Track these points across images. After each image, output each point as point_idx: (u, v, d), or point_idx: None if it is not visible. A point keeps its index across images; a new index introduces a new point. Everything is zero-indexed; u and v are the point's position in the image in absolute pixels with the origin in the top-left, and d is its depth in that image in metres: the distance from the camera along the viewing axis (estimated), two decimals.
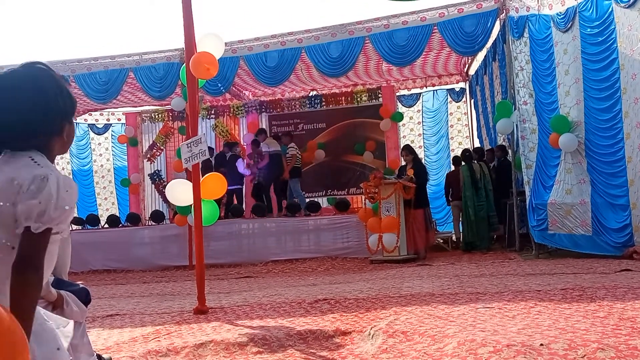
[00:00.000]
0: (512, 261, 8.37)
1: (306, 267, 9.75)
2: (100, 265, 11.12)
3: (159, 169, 14.49)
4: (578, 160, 8.26)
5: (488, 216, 10.35)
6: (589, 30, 7.97)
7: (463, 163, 10.76)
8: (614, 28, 7.56)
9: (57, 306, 2.70)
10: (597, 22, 7.83)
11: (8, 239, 1.61)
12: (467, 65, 13.00)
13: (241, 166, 12.12)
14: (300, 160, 12.20)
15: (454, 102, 14.27)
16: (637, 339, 3.47)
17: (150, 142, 14.88)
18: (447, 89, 14.30)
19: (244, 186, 12.88)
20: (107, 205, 15.58)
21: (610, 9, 7.62)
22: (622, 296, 5.00)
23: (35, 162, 1.68)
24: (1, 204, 1.60)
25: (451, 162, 11.32)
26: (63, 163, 15.31)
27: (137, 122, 14.92)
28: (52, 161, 1.76)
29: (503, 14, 9.30)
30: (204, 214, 6.10)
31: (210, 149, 10.96)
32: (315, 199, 12.66)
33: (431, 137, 14.38)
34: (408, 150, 10.45)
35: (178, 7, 6.04)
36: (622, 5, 7.38)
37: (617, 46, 7.53)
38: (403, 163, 10.65)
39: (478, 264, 8.29)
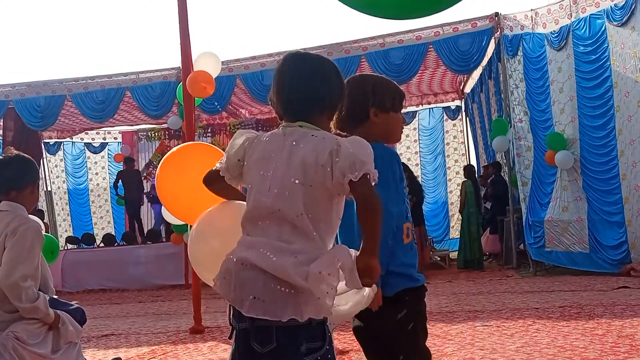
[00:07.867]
0: (510, 279, 8.34)
1: None
2: (96, 285, 11.01)
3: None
4: (574, 178, 8.28)
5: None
6: (582, 48, 8.05)
7: (465, 179, 10.63)
8: (607, 46, 7.65)
9: (53, 326, 2.68)
10: (591, 41, 7.91)
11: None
12: (462, 84, 13.06)
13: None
14: None
15: (450, 120, 14.29)
16: (636, 357, 3.46)
17: (147, 161, 14.86)
18: (443, 107, 14.31)
19: None
20: (102, 224, 15.51)
21: (603, 28, 7.71)
22: (621, 313, 4.99)
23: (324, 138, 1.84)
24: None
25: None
26: (59, 182, 15.28)
27: (133, 140, 14.91)
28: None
29: (498, 33, 9.37)
30: None
31: None
32: None
33: (428, 154, 14.38)
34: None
35: (175, 26, 6.07)
36: (615, 23, 7.47)
37: (610, 64, 7.61)
38: None
39: (475, 282, 8.26)
